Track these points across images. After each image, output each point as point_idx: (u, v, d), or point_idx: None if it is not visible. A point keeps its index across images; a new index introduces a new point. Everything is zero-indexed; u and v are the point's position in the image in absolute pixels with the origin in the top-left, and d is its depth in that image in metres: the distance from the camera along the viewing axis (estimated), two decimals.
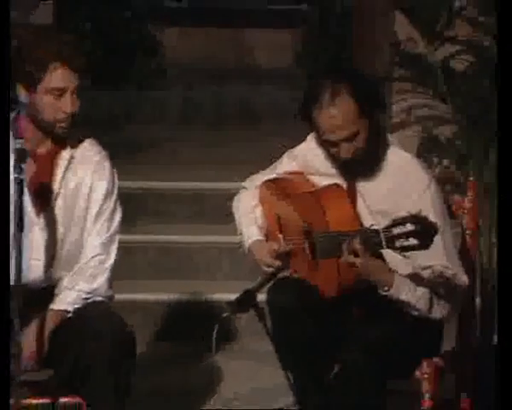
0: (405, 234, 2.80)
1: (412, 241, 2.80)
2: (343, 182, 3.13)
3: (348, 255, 2.89)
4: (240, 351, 4.41)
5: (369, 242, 2.87)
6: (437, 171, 3.99)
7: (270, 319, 3.04)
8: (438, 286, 2.99)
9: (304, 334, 3.07)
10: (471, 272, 3.24)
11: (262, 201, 3.29)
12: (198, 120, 7.03)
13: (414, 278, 2.99)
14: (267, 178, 3.28)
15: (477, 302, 3.51)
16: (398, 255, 2.94)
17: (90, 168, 3.10)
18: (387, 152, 3.14)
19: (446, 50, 4.07)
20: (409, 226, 2.80)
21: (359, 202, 3.12)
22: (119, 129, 6.43)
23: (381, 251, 2.93)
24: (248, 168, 3.42)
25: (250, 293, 2.96)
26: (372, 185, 3.12)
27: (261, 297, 3.03)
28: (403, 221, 2.81)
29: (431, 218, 2.90)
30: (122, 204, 3.18)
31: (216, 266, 4.92)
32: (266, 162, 3.36)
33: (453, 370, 3.24)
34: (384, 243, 2.83)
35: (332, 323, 3.10)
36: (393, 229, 2.82)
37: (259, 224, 3.25)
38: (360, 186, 3.13)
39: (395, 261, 2.99)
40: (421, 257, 2.95)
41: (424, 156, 3.98)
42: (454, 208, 3.29)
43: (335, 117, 3.01)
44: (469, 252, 3.28)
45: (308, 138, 3.26)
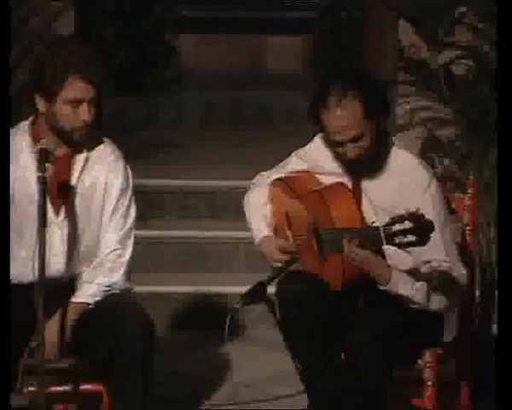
0: (404, 231, 2.79)
1: (410, 237, 2.79)
2: (349, 181, 3.12)
3: (349, 251, 2.88)
4: (250, 340, 4.40)
5: (370, 238, 2.86)
6: (438, 170, 3.98)
7: (279, 310, 3.03)
8: (436, 280, 2.97)
9: (311, 323, 3.06)
10: (471, 266, 3.23)
11: (271, 198, 3.28)
12: (215, 123, 7.04)
13: (414, 273, 2.98)
14: (276, 176, 3.27)
15: (476, 294, 3.48)
16: (399, 250, 2.92)
17: (105, 168, 3.10)
18: (391, 153, 3.12)
19: (448, 56, 4.05)
20: (407, 224, 2.78)
21: (364, 201, 3.10)
22: (142, 131, 6.44)
23: (382, 247, 2.91)
24: (263, 167, 3.41)
25: (261, 285, 2.97)
26: (376, 184, 3.10)
27: (271, 289, 3.03)
28: (401, 219, 2.79)
29: (431, 215, 2.88)
30: (147, 201, 3.18)
31: (230, 260, 4.92)
32: (280, 161, 3.35)
33: (454, 358, 3.23)
34: (384, 240, 2.82)
35: (338, 312, 3.09)
36: (393, 226, 2.80)
37: (268, 220, 3.24)
38: (365, 185, 3.11)
39: (396, 256, 2.97)
40: (421, 252, 2.94)
41: (426, 156, 3.97)
42: (455, 205, 3.28)
43: (342, 118, 2.99)
44: (469, 246, 3.26)
45: (315, 139, 3.24)
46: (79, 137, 3.02)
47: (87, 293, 3.05)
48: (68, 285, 3.08)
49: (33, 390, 2.95)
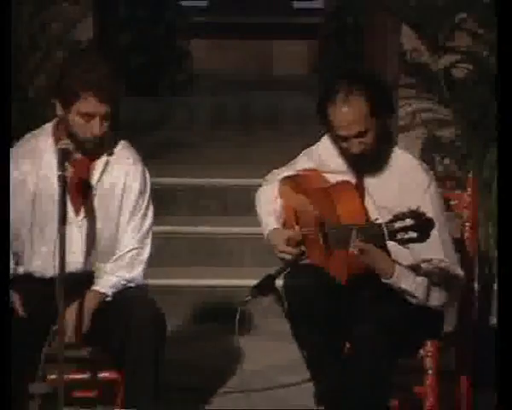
0: (405, 228, 2.78)
1: (411, 234, 2.78)
2: (352, 178, 3.11)
3: (354, 246, 2.88)
4: (259, 331, 4.40)
5: (374, 234, 2.85)
6: (439, 169, 3.97)
7: (286, 302, 3.03)
8: (435, 277, 2.97)
9: (317, 314, 3.06)
10: (470, 260, 3.22)
11: (281, 194, 3.28)
12: (225, 124, 7.03)
13: (415, 269, 2.97)
14: (286, 174, 3.27)
15: (475, 287, 3.48)
16: (401, 248, 2.92)
17: (124, 170, 3.10)
18: (393, 153, 3.11)
19: (448, 60, 4.04)
20: (408, 221, 2.78)
21: (366, 198, 3.10)
22: (155, 132, 6.44)
23: (386, 243, 2.91)
24: (271, 166, 3.41)
25: (269, 279, 2.97)
26: (378, 183, 3.09)
27: (279, 282, 3.04)
28: (403, 216, 2.79)
29: (430, 216, 2.88)
30: (160, 198, 3.18)
31: (240, 255, 4.92)
32: (287, 161, 3.35)
33: (454, 348, 3.23)
34: (387, 236, 2.81)
35: (343, 305, 3.09)
36: (395, 223, 2.79)
37: (277, 214, 3.24)
38: (367, 183, 3.11)
39: (398, 253, 2.97)
40: (421, 251, 2.93)
41: (427, 156, 3.97)
42: (455, 203, 3.27)
43: (348, 114, 2.98)
44: (468, 241, 3.25)
45: (322, 139, 3.24)
46: (91, 147, 3.01)
47: (107, 284, 3.06)
48: (86, 280, 3.08)
49: (54, 378, 2.95)
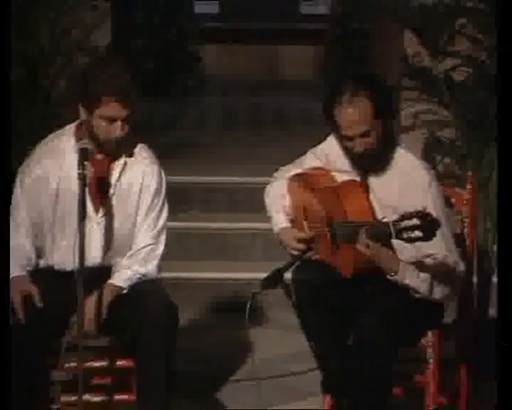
0: (412, 227, 2.77)
1: (417, 233, 2.77)
2: (357, 177, 3.11)
3: (362, 244, 2.89)
4: (268, 322, 4.40)
5: (381, 233, 2.85)
6: (439, 168, 3.96)
7: (294, 294, 3.03)
8: (438, 272, 2.97)
9: (324, 306, 3.07)
10: (469, 255, 3.22)
11: (290, 192, 3.28)
12: (235, 125, 7.03)
13: (417, 265, 2.98)
14: (294, 172, 3.28)
15: (474, 280, 3.48)
16: (404, 244, 2.92)
17: (141, 171, 3.11)
18: (395, 153, 3.11)
19: (448, 64, 4.03)
20: (415, 221, 2.77)
21: (371, 196, 3.10)
22: (168, 132, 6.45)
23: (391, 241, 2.91)
24: (279, 165, 3.41)
25: (278, 272, 2.97)
26: (382, 182, 3.09)
27: (287, 276, 3.03)
28: (410, 216, 2.78)
29: (434, 214, 2.89)
30: (173, 196, 3.20)
31: (249, 250, 4.92)
32: (294, 159, 3.35)
33: (454, 339, 3.23)
34: (393, 235, 2.82)
35: (348, 298, 3.10)
36: (402, 222, 2.79)
37: (287, 211, 3.25)
38: (371, 182, 3.11)
39: (402, 249, 2.97)
40: (424, 247, 2.93)
41: (428, 155, 3.96)
42: (455, 200, 3.27)
43: (352, 114, 2.99)
44: (468, 236, 3.25)
45: (329, 138, 3.24)
46: (112, 148, 3.04)
47: (123, 277, 3.07)
48: (104, 274, 3.09)
49: (73, 366, 2.97)
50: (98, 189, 3.06)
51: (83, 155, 2.92)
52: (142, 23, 7.57)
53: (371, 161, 3.07)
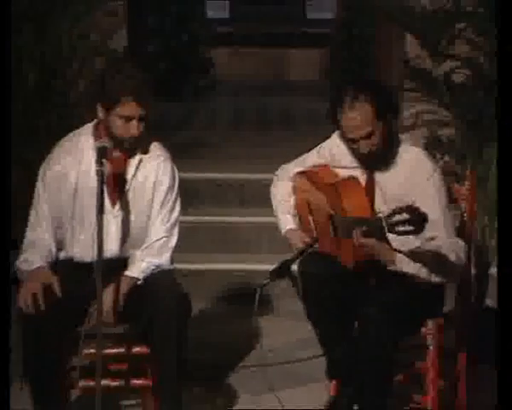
0: (402, 222, 2.78)
1: (407, 227, 2.77)
2: (363, 173, 3.12)
3: (359, 238, 2.90)
4: (276, 311, 4.40)
5: (375, 227, 2.86)
6: (439, 165, 3.96)
7: (301, 285, 3.05)
8: (438, 256, 2.97)
9: (328, 297, 3.08)
10: (468, 247, 3.22)
11: (295, 189, 3.29)
12: (244, 125, 7.03)
13: (416, 253, 2.98)
14: (298, 169, 3.28)
15: (472, 271, 3.48)
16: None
17: (155, 168, 3.12)
18: (399, 148, 3.12)
19: (448, 66, 4.02)
20: (405, 215, 2.77)
21: (376, 190, 3.10)
22: (180, 132, 6.45)
23: (386, 234, 2.91)
24: (285, 162, 3.42)
25: (285, 264, 2.98)
26: (387, 176, 3.10)
27: (294, 267, 3.05)
28: (400, 211, 2.78)
29: (435, 200, 2.90)
30: (185, 192, 3.21)
31: (257, 243, 4.93)
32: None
33: (453, 327, 3.23)
34: (386, 229, 2.83)
35: (352, 288, 3.10)
36: (393, 217, 2.79)
37: (292, 212, 3.26)
38: (377, 177, 3.11)
39: (402, 239, 2.96)
40: (426, 230, 2.89)
41: (429, 153, 3.95)
42: (454, 195, 3.27)
43: (355, 118, 2.99)
44: (467, 230, 3.25)
45: (333, 136, 3.25)
46: (129, 145, 3.05)
47: (138, 269, 3.08)
48: (120, 265, 3.10)
49: (92, 352, 2.98)
50: (115, 184, 3.07)
51: (101, 153, 2.94)
52: (155, 28, 7.57)
53: (376, 159, 3.08)
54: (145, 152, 3.12)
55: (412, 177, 3.06)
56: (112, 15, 4.55)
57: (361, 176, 3.12)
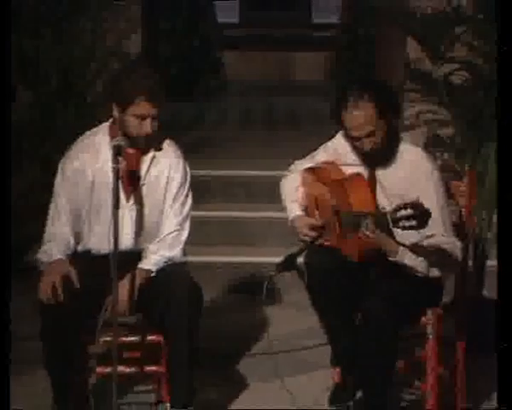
0: (406, 217, 2.79)
1: (411, 222, 2.78)
2: (365, 171, 3.12)
3: (364, 231, 2.91)
4: (283, 302, 4.41)
5: (380, 221, 2.88)
6: (439, 162, 3.96)
7: (307, 277, 3.06)
8: (436, 251, 2.98)
9: (333, 288, 3.08)
10: (465, 241, 3.22)
11: (303, 183, 3.29)
12: (252, 125, 7.04)
13: (417, 247, 2.99)
14: (307, 166, 3.29)
15: (470, 263, 3.48)
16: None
17: (168, 164, 3.13)
18: (400, 147, 3.13)
19: (448, 68, 4.01)
20: (409, 211, 2.78)
21: (378, 187, 3.11)
22: (191, 131, 6.46)
23: (390, 228, 2.92)
24: (291, 160, 3.43)
25: (292, 257, 2.99)
26: (389, 173, 3.10)
27: (300, 260, 3.06)
28: (404, 206, 2.80)
29: (434, 198, 2.90)
30: (196, 188, 3.23)
31: (265, 236, 4.95)
32: (306, 155, 3.36)
33: (451, 316, 3.23)
34: (390, 223, 2.84)
35: (355, 280, 3.11)
36: (397, 212, 2.81)
37: (300, 202, 3.26)
38: (379, 174, 3.12)
39: (404, 234, 2.98)
40: (425, 229, 2.94)
41: (429, 151, 3.95)
42: (453, 191, 3.27)
43: (358, 117, 3.00)
44: (465, 224, 3.25)
45: (337, 135, 3.26)
46: (142, 143, 3.06)
47: (152, 262, 3.10)
48: (135, 258, 3.12)
49: (108, 340, 2.99)
50: (129, 180, 3.09)
51: (116, 151, 2.95)
52: (167, 31, 7.59)
53: (378, 157, 3.09)
54: (158, 149, 3.13)
55: (412, 175, 3.06)
56: (127, 20, 4.57)
57: (363, 173, 3.12)
